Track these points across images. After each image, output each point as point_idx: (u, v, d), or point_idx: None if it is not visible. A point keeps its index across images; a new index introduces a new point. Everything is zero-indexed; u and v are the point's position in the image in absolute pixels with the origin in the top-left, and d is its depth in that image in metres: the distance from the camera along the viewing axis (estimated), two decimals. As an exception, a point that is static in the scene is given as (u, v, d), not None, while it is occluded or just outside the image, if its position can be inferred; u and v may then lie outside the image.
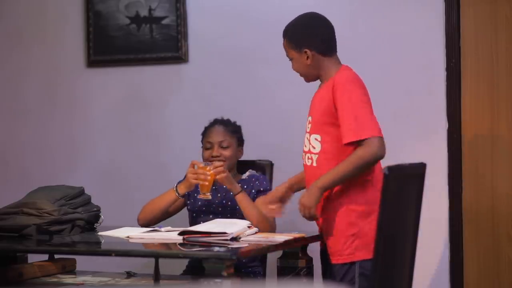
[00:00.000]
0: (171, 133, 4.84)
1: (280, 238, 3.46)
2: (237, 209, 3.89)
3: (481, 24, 4.32)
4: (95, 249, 3.70)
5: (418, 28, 4.40)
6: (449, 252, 4.32)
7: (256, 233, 3.51)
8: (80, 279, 3.68)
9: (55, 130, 5.06)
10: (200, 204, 3.96)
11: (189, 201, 4.02)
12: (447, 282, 4.32)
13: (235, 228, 3.44)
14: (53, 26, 5.07)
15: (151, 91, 4.89)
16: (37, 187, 3.94)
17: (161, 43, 4.81)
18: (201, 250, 3.30)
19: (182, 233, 3.44)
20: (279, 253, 3.67)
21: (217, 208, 3.96)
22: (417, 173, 3.47)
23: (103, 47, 4.93)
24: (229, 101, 4.67)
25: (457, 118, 4.33)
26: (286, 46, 3.62)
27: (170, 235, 3.50)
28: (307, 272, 3.63)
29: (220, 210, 3.95)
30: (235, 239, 3.39)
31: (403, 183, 3.29)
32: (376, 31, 4.47)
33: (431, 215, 4.16)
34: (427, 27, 4.38)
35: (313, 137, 3.54)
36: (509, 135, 4.28)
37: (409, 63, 4.40)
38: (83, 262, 3.88)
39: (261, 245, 3.39)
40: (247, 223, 3.57)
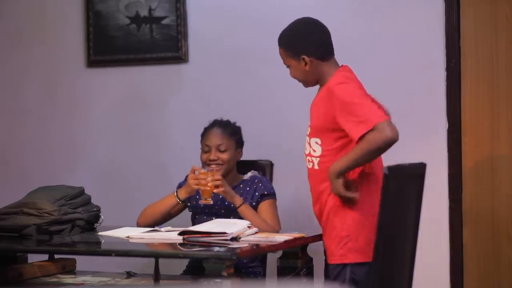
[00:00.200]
0: (171, 133, 4.83)
1: (280, 238, 3.46)
2: None
3: (481, 24, 4.32)
4: (95, 249, 3.70)
5: (418, 28, 4.39)
6: (449, 252, 4.32)
7: (256, 233, 3.51)
8: (80, 279, 3.68)
9: (55, 130, 5.05)
10: (202, 206, 3.95)
11: (190, 203, 4.01)
12: (447, 282, 4.32)
13: (235, 228, 3.44)
14: (53, 26, 5.07)
15: (151, 91, 4.89)
16: (37, 187, 3.93)
17: (161, 43, 4.81)
18: (201, 250, 3.30)
19: (182, 233, 3.44)
20: (279, 253, 3.67)
21: (219, 209, 3.94)
22: (417, 173, 3.47)
23: (103, 47, 4.93)
24: (229, 101, 4.67)
25: (457, 118, 4.33)
26: (282, 54, 3.61)
27: (170, 235, 3.50)
28: (307, 272, 3.63)
29: (222, 212, 3.93)
30: (235, 239, 3.39)
31: (403, 183, 3.29)
32: (376, 31, 4.46)
33: (431, 215, 4.16)
34: (427, 27, 4.38)
35: (313, 140, 3.53)
36: (509, 135, 4.27)
37: (409, 63, 4.40)
38: (83, 262, 3.88)
39: (261, 245, 3.39)
40: (247, 223, 3.56)
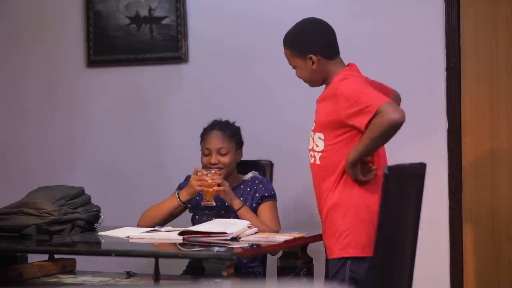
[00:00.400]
0: (171, 133, 4.83)
1: (280, 238, 3.46)
2: None
3: (481, 24, 4.32)
4: (95, 249, 3.70)
5: (418, 28, 4.39)
6: (449, 252, 4.32)
7: (256, 233, 3.51)
8: (80, 279, 3.67)
9: (55, 130, 5.05)
10: (202, 206, 3.94)
11: (190, 204, 4.01)
12: (447, 282, 4.32)
13: (235, 228, 3.44)
14: (53, 26, 5.07)
15: (151, 91, 4.89)
16: (37, 187, 3.93)
17: (161, 43, 4.81)
18: (201, 250, 3.30)
19: (182, 233, 3.44)
20: (279, 253, 3.67)
21: (219, 210, 3.93)
22: (417, 173, 3.47)
23: (103, 47, 4.93)
24: (229, 101, 4.67)
25: (457, 118, 4.33)
26: (288, 54, 3.61)
27: (170, 235, 3.50)
28: (307, 272, 3.63)
29: (222, 212, 3.93)
30: (235, 239, 3.38)
31: (403, 183, 3.29)
32: (376, 32, 4.46)
33: (431, 215, 4.16)
34: (427, 27, 4.38)
35: (317, 135, 3.55)
36: (509, 135, 4.28)
37: (409, 63, 4.40)
38: (83, 262, 3.88)
39: (261, 245, 3.39)
40: (247, 223, 3.56)
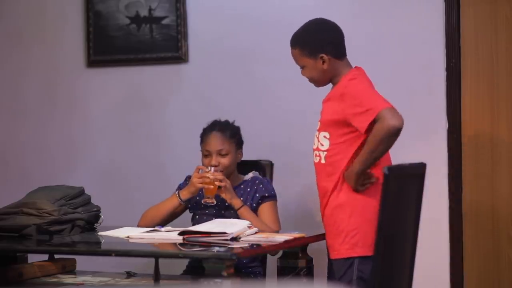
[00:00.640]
0: (171, 133, 4.83)
1: (280, 238, 3.46)
2: None
3: (481, 24, 4.32)
4: (95, 249, 3.70)
5: (418, 28, 4.39)
6: (449, 252, 4.32)
7: (256, 233, 3.51)
8: (80, 279, 3.68)
9: (55, 130, 5.05)
10: (202, 206, 3.94)
11: (191, 204, 4.01)
12: (447, 282, 4.32)
13: (235, 228, 3.44)
14: (53, 26, 5.07)
15: (151, 91, 4.89)
16: (37, 187, 3.93)
17: (161, 43, 4.81)
18: (201, 250, 3.30)
19: (182, 233, 3.44)
20: (279, 253, 3.67)
21: (219, 210, 3.93)
22: (417, 173, 3.47)
23: (103, 47, 4.92)
24: (229, 101, 4.67)
25: (457, 118, 4.32)
26: (298, 54, 3.61)
27: (170, 235, 3.50)
28: (307, 272, 3.63)
29: (223, 212, 3.92)
30: (235, 239, 3.39)
31: (403, 183, 3.29)
32: (376, 32, 4.46)
33: (431, 215, 4.16)
34: (427, 27, 4.37)
35: (322, 134, 3.57)
36: (509, 135, 4.27)
37: (409, 63, 4.40)
38: (83, 262, 3.88)
39: (261, 245, 3.39)
40: (247, 223, 3.56)
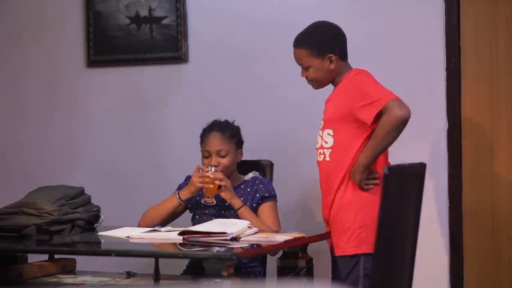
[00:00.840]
0: (170, 133, 4.83)
1: (280, 238, 3.46)
2: None
3: (481, 24, 4.32)
4: (95, 249, 3.70)
5: (418, 28, 4.39)
6: (449, 252, 4.32)
7: (256, 233, 3.51)
8: (80, 279, 3.67)
9: (55, 130, 5.05)
10: (202, 206, 3.94)
11: (191, 204, 4.00)
12: (447, 282, 4.32)
13: (235, 228, 3.43)
14: (53, 26, 5.07)
15: (151, 91, 4.89)
16: (37, 187, 3.93)
17: (161, 43, 4.81)
18: (201, 250, 3.30)
19: (182, 233, 3.44)
20: (279, 253, 3.67)
21: (219, 210, 3.93)
22: (417, 173, 3.47)
23: (103, 47, 4.93)
24: (229, 101, 4.67)
25: (457, 118, 4.33)
26: (305, 54, 3.62)
27: (170, 235, 3.50)
28: (307, 272, 3.63)
29: (223, 212, 3.92)
30: (235, 239, 3.38)
31: (403, 183, 3.29)
32: (376, 32, 4.46)
33: (431, 215, 4.16)
34: (427, 27, 4.37)
35: (325, 132, 3.59)
36: (509, 135, 4.27)
37: (409, 63, 4.40)
38: (83, 262, 3.88)
39: (261, 245, 3.39)
40: (247, 223, 3.56)
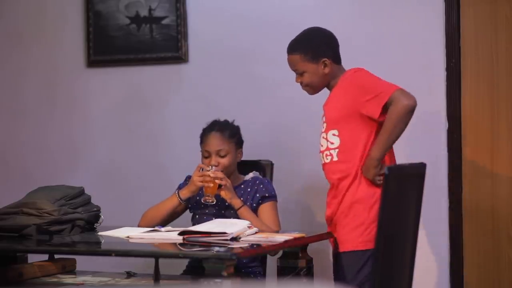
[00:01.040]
0: (170, 133, 4.83)
1: (280, 238, 3.46)
2: None
3: (481, 24, 4.32)
4: (95, 249, 3.70)
5: (418, 28, 4.39)
6: (449, 252, 4.32)
7: (256, 233, 3.51)
8: (80, 279, 3.67)
9: (55, 130, 5.05)
10: (202, 206, 3.94)
11: (191, 204, 4.00)
12: (447, 282, 4.32)
13: (235, 228, 3.43)
14: (53, 26, 5.07)
15: (151, 91, 4.89)
16: (37, 187, 3.93)
17: (161, 43, 4.81)
18: (201, 250, 3.30)
19: (182, 233, 3.44)
20: (279, 253, 3.67)
21: (219, 210, 3.93)
22: (417, 173, 3.47)
23: (103, 47, 4.92)
24: (229, 101, 4.67)
25: (457, 118, 4.33)
26: (299, 60, 3.65)
27: (170, 235, 3.49)
28: (307, 272, 3.63)
29: (223, 212, 3.92)
30: (235, 239, 3.38)
31: (403, 183, 3.29)
32: (376, 32, 4.46)
33: (431, 215, 4.16)
34: (427, 27, 4.38)
35: (330, 133, 3.59)
36: (509, 135, 4.27)
37: (409, 63, 4.40)
38: (83, 262, 3.88)
39: (261, 245, 3.39)
40: (247, 223, 3.56)
